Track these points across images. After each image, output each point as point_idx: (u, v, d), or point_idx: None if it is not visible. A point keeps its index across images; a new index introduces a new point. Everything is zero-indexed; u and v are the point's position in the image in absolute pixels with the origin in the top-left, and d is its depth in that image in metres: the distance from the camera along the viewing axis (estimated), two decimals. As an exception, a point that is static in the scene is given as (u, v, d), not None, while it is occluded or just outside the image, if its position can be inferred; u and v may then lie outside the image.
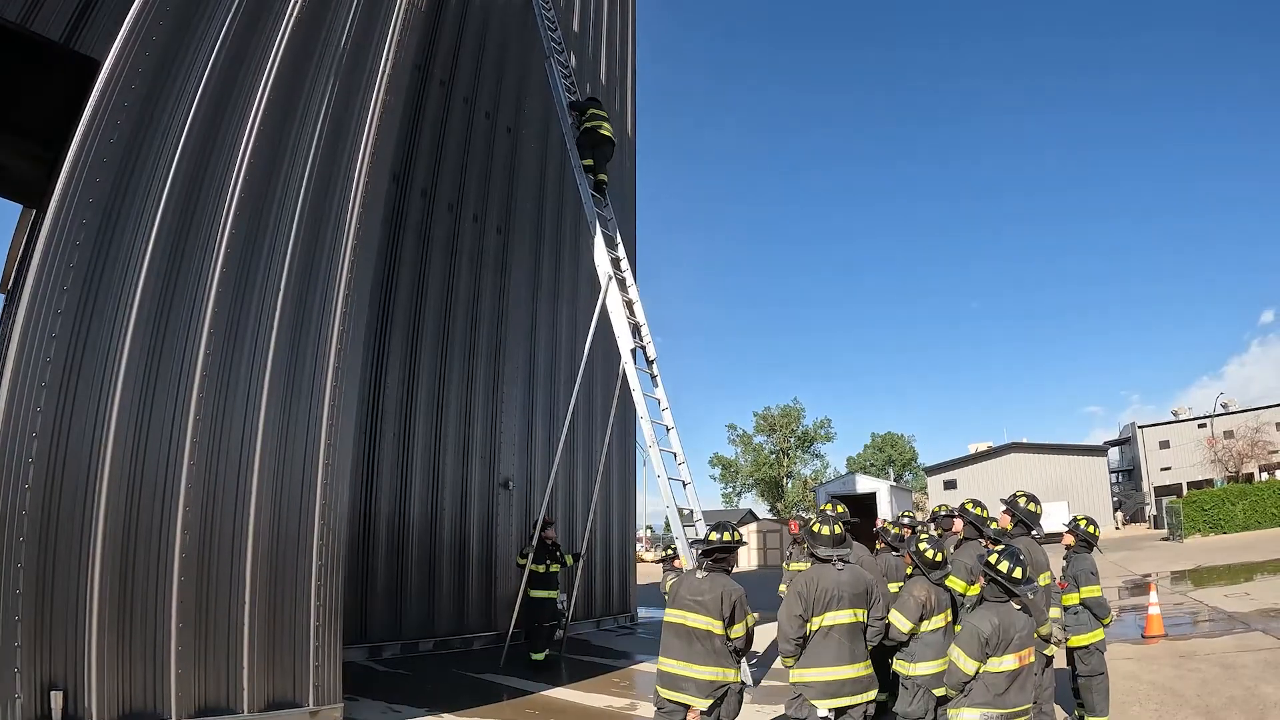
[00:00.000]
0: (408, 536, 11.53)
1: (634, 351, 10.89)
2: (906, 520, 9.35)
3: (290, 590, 6.64)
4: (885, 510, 40.60)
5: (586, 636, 13.83)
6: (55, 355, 5.55)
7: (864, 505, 38.28)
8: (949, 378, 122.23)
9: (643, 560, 28.52)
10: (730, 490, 78.92)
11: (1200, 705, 7.59)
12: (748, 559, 41.01)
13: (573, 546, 12.97)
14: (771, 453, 77.77)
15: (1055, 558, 6.88)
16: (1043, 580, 6.51)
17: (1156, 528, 45.88)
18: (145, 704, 5.74)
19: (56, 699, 5.29)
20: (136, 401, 5.95)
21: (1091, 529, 7.48)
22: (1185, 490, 51.74)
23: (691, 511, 10.29)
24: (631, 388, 10.60)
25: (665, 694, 5.53)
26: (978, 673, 4.93)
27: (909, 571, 6.53)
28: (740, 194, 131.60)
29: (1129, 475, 65.18)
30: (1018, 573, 5.12)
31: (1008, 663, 4.91)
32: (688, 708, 5.49)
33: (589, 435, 15.52)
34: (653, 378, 11.11)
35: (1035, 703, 5.38)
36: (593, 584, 15.04)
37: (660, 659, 5.66)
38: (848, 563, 5.57)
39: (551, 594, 11.08)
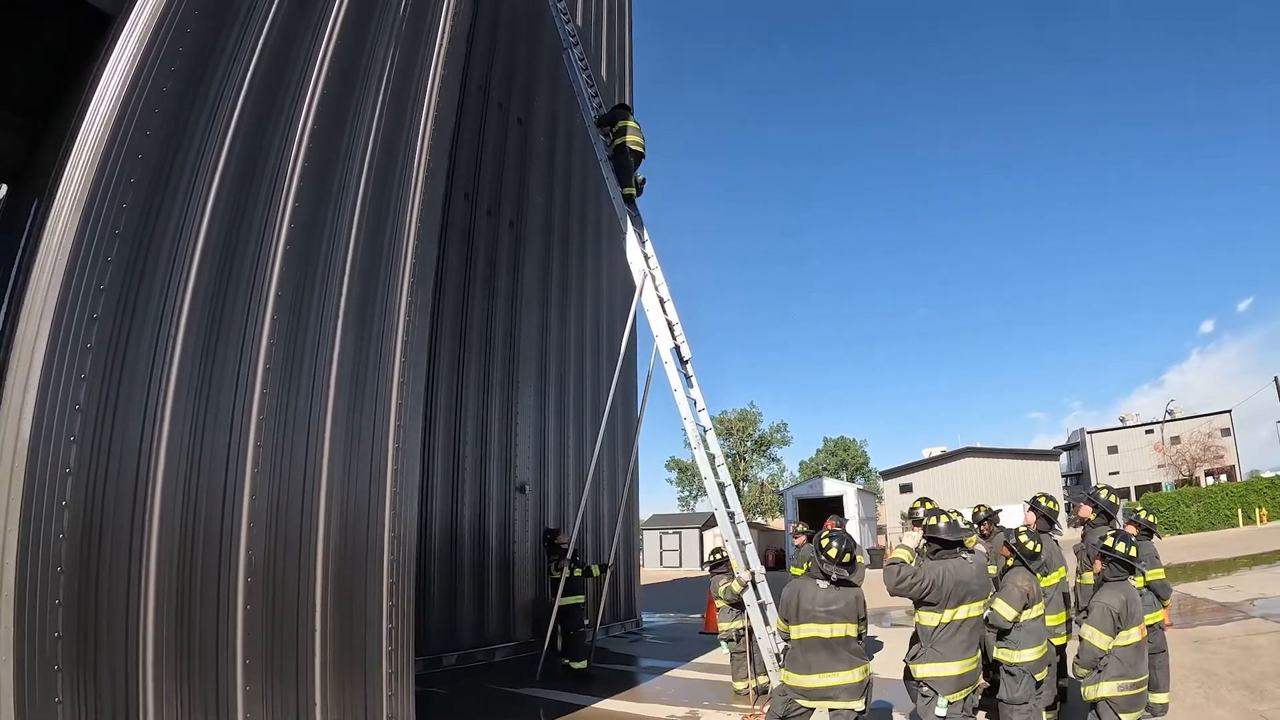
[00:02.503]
0: (430, 546, 10.98)
1: (672, 350, 10.56)
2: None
3: (361, 612, 5.86)
4: (852, 512, 41.15)
5: (601, 643, 13.44)
6: (98, 341, 4.63)
7: (831, 508, 38.89)
8: (898, 383, 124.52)
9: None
10: (687, 494, 79.00)
11: (1238, 681, 8.03)
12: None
13: (580, 553, 12.57)
14: (728, 456, 78.13)
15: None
16: (1059, 575, 7.12)
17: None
18: None
19: None
20: (192, 398, 5.04)
21: (1151, 518, 8.22)
22: (1134, 494, 53.92)
23: (734, 514, 9.98)
24: (672, 388, 10.27)
25: (811, 704, 5.43)
26: (1111, 649, 5.29)
27: (1009, 563, 6.48)
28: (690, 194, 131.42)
29: (1078, 479, 67.33)
30: (1134, 551, 5.64)
31: (1134, 635, 5.34)
32: (811, 711, 5.51)
33: (592, 441, 15.14)
34: (688, 377, 10.78)
35: None
36: (600, 590, 14.67)
37: (795, 675, 5.49)
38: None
39: (579, 599, 10.84)
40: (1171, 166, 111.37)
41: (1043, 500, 7.50)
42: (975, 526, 9.63)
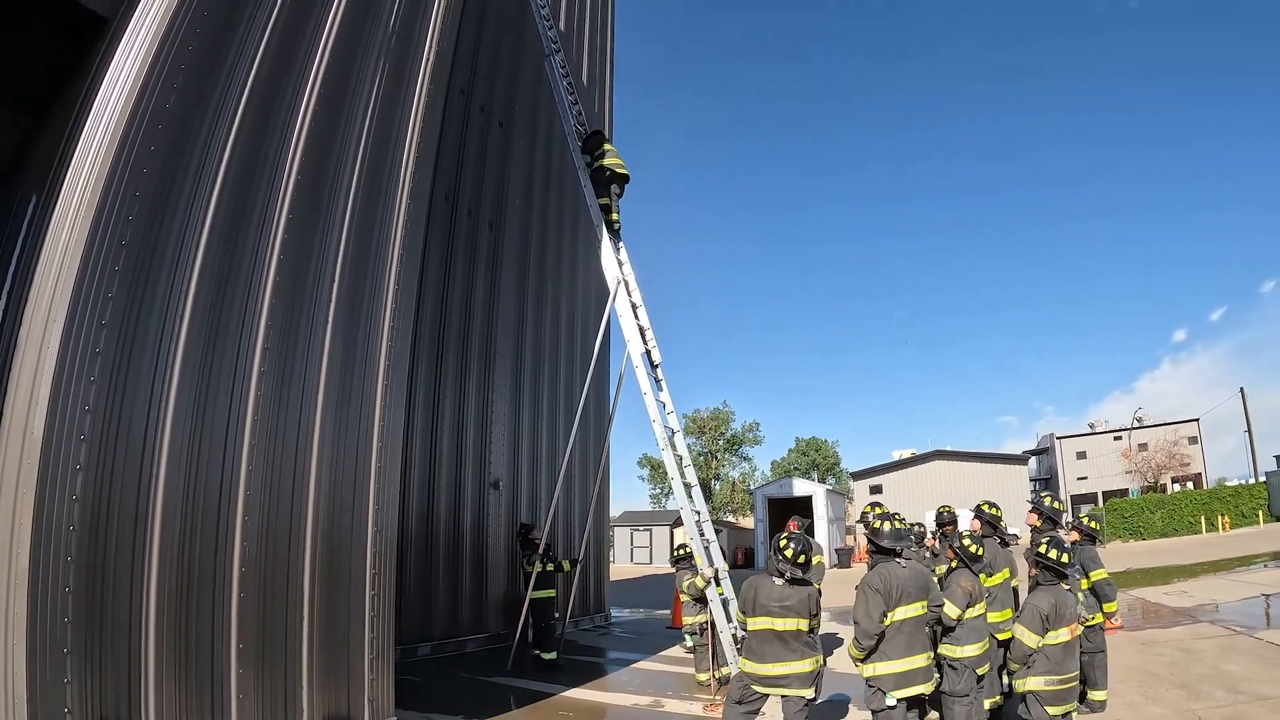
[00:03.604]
0: (407, 539, 11.28)
1: (643, 355, 10.94)
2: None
3: (344, 600, 6.21)
4: (821, 512, 41.82)
5: (570, 636, 13.81)
6: (106, 346, 4.92)
7: (801, 508, 39.58)
8: (871, 385, 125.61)
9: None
10: (659, 491, 79.40)
11: (1176, 681, 8.41)
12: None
13: (551, 548, 12.93)
14: (700, 454, 78.60)
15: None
16: (1002, 576, 7.48)
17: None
18: None
19: None
20: (192, 400, 5.35)
21: (1094, 525, 8.75)
22: (1101, 499, 54.96)
23: (699, 513, 10.39)
24: (642, 391, 10.64)
25: (765, 690, 5.84)
26: (1040, 647, 5.68)
27: (953, 564, 6.93)
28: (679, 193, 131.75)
29: (1046, 484, 68.44)
30: (1065, 558, 6.01)
31: (1063, 635, 5.72)
32: (766, 697, 5.92)
33: (565, 440, 15.51)
34: (658, 381, 11.15)
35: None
36: (570, 585, 15.03)
37: (752, 663, 5.91)
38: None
39: (551, 593, 11.18)
40: (1152, 178, 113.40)
41: (986, 507, 8.01)
42: (939, 529, 10.17)
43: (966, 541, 6.91)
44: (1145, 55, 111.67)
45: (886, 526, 6.10)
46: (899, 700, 5.67)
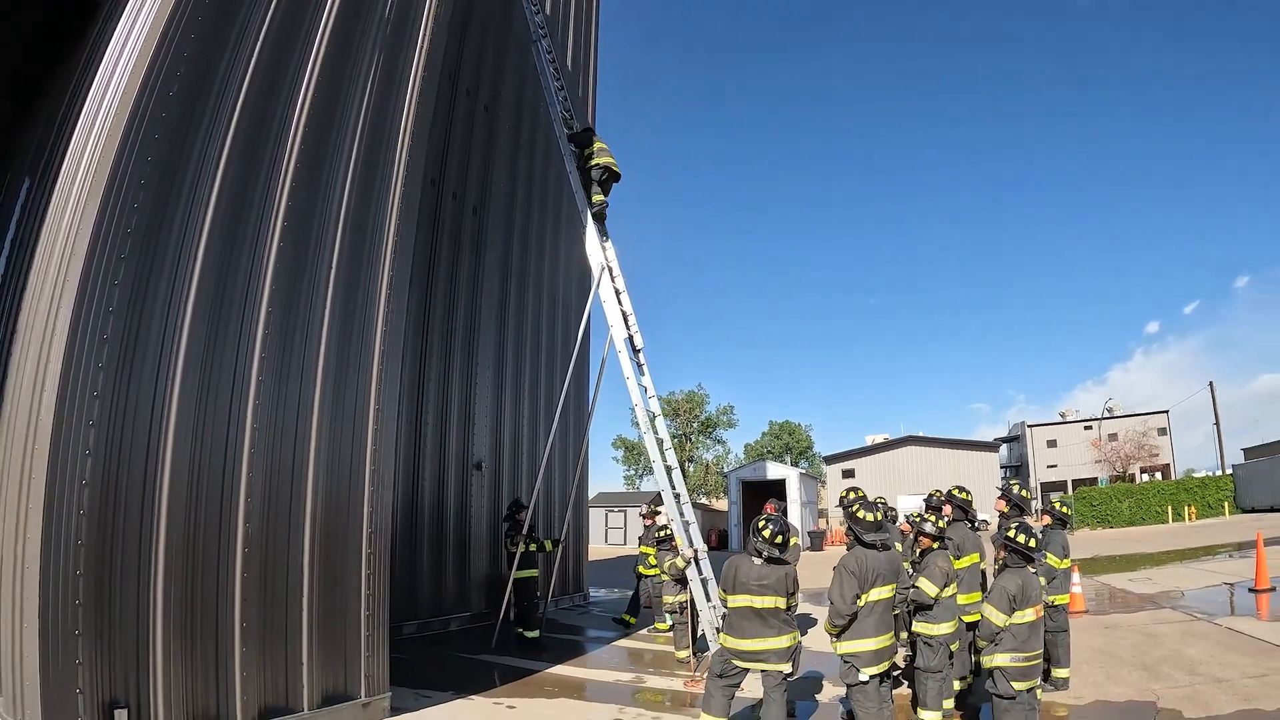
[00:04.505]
0: (392, 519, 11.42)
1: (626, 340, 11.13)
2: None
3: (341, 581, 6.43)
4: (795, 495, 42.36)
5: (551, 615, 14.03)
6: (113, 332, 5.05)
7: (775, 491, 40.10)
8: (845, 370, 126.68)
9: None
10: (632, 472, 79.80)
11: (1137, 663, 8.79)
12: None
13: (533, 529, 13.13)
14: (675, 437, 79.02)
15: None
16: (971, 560, 7.77)
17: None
18: (210, 712, 5.38)
19: (121, 717, 4.88)
20: (196, 386, 5.52)
21: (1065, 510, 9.14)
22: (1070, 487, 55.98)
23: (679, 495, 10.63)
24: (625, 375, 10.86)
25: (744, 665, 6.08)
26: (1006, 626, 5.94)
27: (934, 546, 7.24)
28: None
29: (1017, 471, 69.74)
30: (1032, 543, 6.27)
31: (1029, 615, 5.98)
32: (746, 671, 6.15)
33: (546, 422, 15.71)
34: (639, 365, 11.34)
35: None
36: (550, 564, 15.26)
37: (732, 639, 6.15)
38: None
39: (534, 573, 11.39)
40: (1135, 171, 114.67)
41: (958, 493, 8.31)
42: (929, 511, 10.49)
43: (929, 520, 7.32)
44: (1130, 48, 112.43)
45: (868, 518, 6.39)
46: (871, 676, 5.99)
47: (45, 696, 4.57)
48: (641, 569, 12.92)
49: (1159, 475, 52.87)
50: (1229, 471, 39.67)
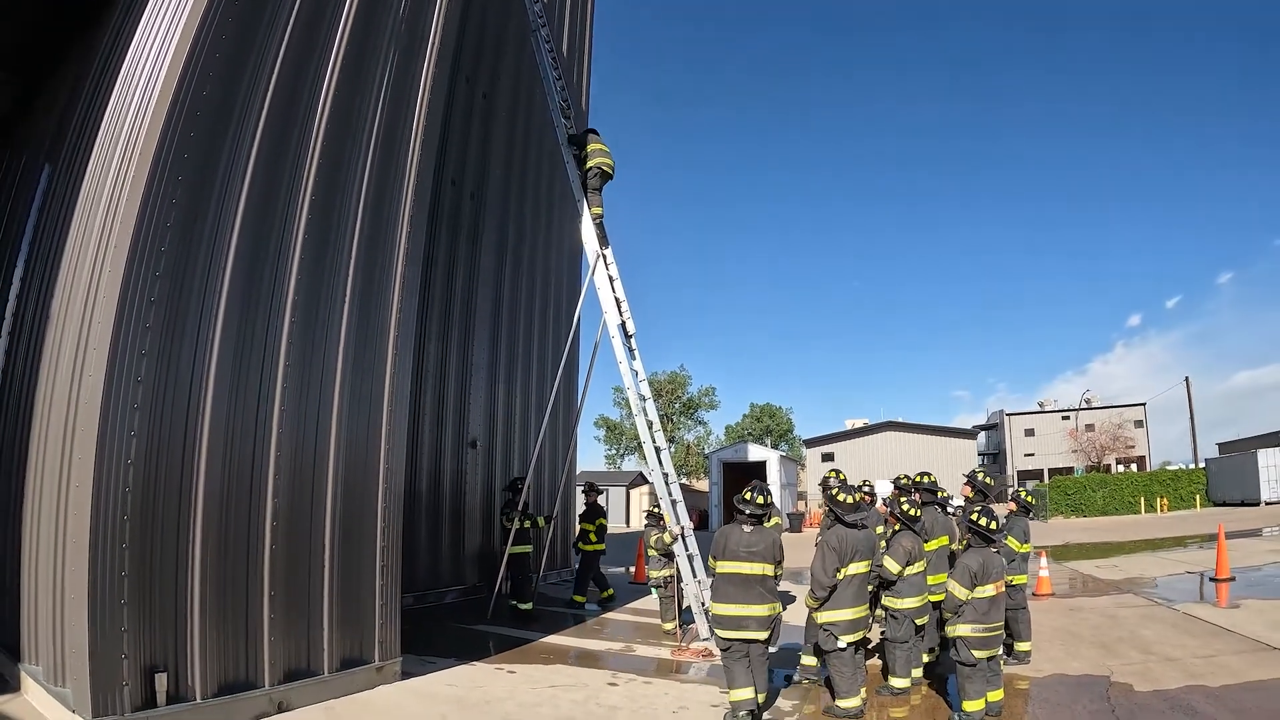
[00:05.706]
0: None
1: (619, 325, 11.52)
2: (867, 489, 10.57)
3: (357, 550, 6.84)
4: (775, 477, 42.95)
5: (541, 589, 14.51)
6: (155, 321, 5.42)
7: (756, 472, 40.76)
8: (826, 354, 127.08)
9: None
10: (614, 452, 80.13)
11: (1096, 641, 9.36)
12: (639, 520, 42.50)
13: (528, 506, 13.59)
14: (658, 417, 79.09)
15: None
16: (939, 542, 8.18)
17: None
18: (240, 675, 5.79)
19: (161, 681, 5.25)
20: (229, 372, 5.92)
21: (1030, 499, 9.67)
22: (1047, 476, 56.79)
23: (668, 474, 11.08)
24: (617, 359, 11.26)
25: (727, 634, 6.47)
26: (968, 599, 6.49)
27: (896, 528, 7.76)
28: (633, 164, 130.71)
29: (994, 458, 70.74)
30: (994, 526, 6.89)
31: (989, 590, 6.55)
32: (750, 642, 6.48)
33: (538, 401, 16.19)
34: (631, 350, 11.73)
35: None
36: (544, 540, 15.73)
37: (717, 603, 6.60)
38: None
39: (528, 548, 11.90)
40: (1121, 165, 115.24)
41: (921, 479, 8.90)
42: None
43: (905, 505, 7.77)
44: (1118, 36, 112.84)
45: (847, 500, 6.96)
46: (848, 644, 6.56)
47: (94, 663, 4.95)
48: (581, 545, 13.37)
49: (1134, 467, 53.41)
50: (1202, 465, 40.42)
